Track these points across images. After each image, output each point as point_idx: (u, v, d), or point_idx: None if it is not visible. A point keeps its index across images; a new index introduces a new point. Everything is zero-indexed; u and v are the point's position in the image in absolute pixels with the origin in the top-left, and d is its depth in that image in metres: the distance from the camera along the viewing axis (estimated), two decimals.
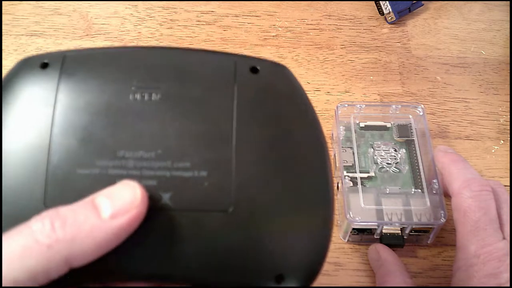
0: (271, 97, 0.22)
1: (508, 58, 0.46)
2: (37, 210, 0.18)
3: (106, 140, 0.20)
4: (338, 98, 0.42)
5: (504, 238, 0.28)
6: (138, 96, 0.20)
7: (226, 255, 0.19)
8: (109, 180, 0.19)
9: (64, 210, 0.17)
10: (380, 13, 0.48)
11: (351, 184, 0.35)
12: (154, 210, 0.19)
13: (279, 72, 0.23)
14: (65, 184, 0.19)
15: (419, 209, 0.34)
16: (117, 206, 0.17)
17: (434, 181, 0.34)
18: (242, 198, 0.20)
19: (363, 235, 0.34)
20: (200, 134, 0.20)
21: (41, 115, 0.20)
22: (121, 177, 0.19)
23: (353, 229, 0.34)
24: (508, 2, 0.49)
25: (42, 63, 0.21)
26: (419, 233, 0.34)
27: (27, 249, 0.16)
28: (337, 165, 0.37)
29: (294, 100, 0.22)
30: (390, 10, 0.47)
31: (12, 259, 0.16)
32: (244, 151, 0.20)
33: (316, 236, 0.20)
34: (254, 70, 0.22)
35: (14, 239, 0.16)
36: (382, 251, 0.33)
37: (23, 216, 0.18)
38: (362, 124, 0.38)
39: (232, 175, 0.20)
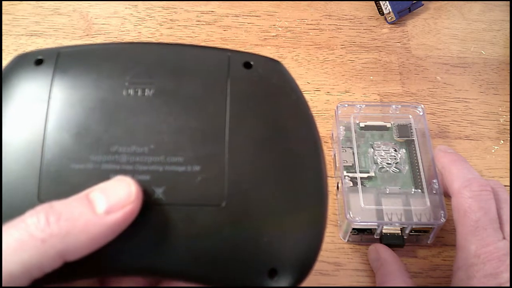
0: (265, 92, 0.22)
1: (508, 58, 0.46)
2: (31, 204, 0.18)
3: (99, 135, 0.20)
4: (338, 98, 0.42)
5: (504, 238, 0.28)
6: (131, 92, 0.21)
7: (219, 249, 0.19)
8: (102, 175, 0.19)
9: (59, 205, 0.17)
10: (380, 13, 0.48)
11: (351, 184, 0.35)
12: (147, 205, 0.19)
13: (273, 67, 0.23)
14: (59, 179, 0.19)
15: (419, 209, 0.34)
16: (112, 201, 0.17)
17: (434, 181, 0.34)
18: (235, 193, 0.20)
19: (363, 235, 0.34)
20: (193, 129, 0.20)
21: (35, 111, 0.20)
22: (114, 172, 0.19)
23: (353, 229, 0.34)
24: (508, 2, 0.49)
25: (36, 60, 0.21)
26: (419, 233, 0.34)
27: (22, 243, 0.16)
28: (337, 165, 0.37)
29: (287, 95, 0.22)
30: (390, 10, 0.47)
31: (7, 253, 0.16)
32: (237, 146, 0.20)
33: (310, 231, 0.20)
34: (247, 65, 0.22)
35: (9, 233, 0.16)
36: (382, 251, 0.33)
37: (17, 210, 0.18)
38: (362, 124, 0.38)
39: (225, 170, 0.20)
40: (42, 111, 0.20)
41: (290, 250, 0.20)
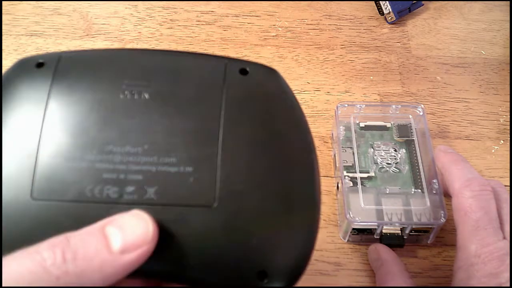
0: (260, 98, 0.22)
1: (508, 58, 0.46)
2: (24, 201, 0.19)
3: (94, 135, 0.20)
4: (338, 98, 0.42)
5: (504, 238, 0.28)
6: (128, 95, 0.21)
7: (209, 250, 0.19)
8: (96, 174, 0.19)
9: (75, 240, 0.17)
10: (380, 13, 0.48)
11: (351, 184, 0.35)
12: (139, 204, 0.19)
13: (268, 74, 0.23)
14: (52, 177, 0.19)
15: (419, 209, 0.34)
16: (128, 240, 0.17)
17: (434, 181, 0.34)
18: (227, 194, 0.20)
19: (363, 235, 0.34)
20: (187, 131, 0.20)
21: (33, 111, 0.21)
22: (107, 171, 0.19)
23: (353, 229, 0.34)
24: (508, 2, 0.50)
25: (38, 63, 0.22)
26: (419, 233, 0.34)
27: (36, 277, 0.16)
28: (337, 165, 0.37)
29: (282, 101, 0.22)
30: (390, 10, 0.47)
31: (20, 283, 0.15)
32: (230, 149, 0.20)
33: (301, 234, 0.20)
34: (243, 71, 0.22)
35: (23, 263, 0.16)
36: (382, 251, 0.33)
37: (10, 207, 0.18)
38: (362, 124, 0.38)
39: (218, 172, 0.20)
40: (40, 111, 0.20)
41: (280, 253, 0.20)
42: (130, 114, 0.20)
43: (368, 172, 0.36)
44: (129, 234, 0.17)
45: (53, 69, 0.21)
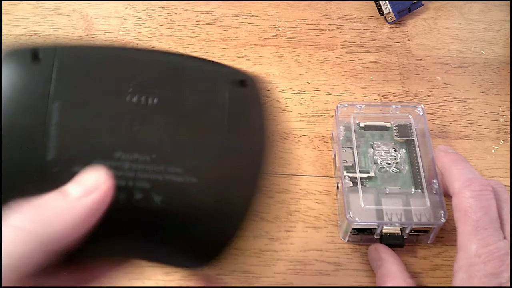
0: (257, 109, 0.23)
1: (508, 58, 0.46)
2: None
3: (103, 140, 0.20)
4: (338, 98, 0.42)
5: (504, 238, 0.28)
6: (135, 99, 0.21)
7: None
8: None
9: (35, 199, 0.18)
10: (380, 13, 0.48)
11: (351, 184, 0.35)
12: (146, 211, 0.20)
13: (262, 85, 0.24)
14: (59, 182, 0.19)
15: (419, 209, 0.34)
16: (83, 187, 0.19)
17: (434, 181, 0.34)
18: (226, 202, 0.21)
19: (363, 235, 0.34)
20: (193, 142, 0.21)
21: (36, 113, 0.20)
22: (116, 178, 0.20)
23: (353, 229, 0.34)
24: (508, 2, 0.49)
25: (32, 55, 0.21)
26: (419, 233, 0.34)
27: (5, 236, 0.17)
28: (337, 165, 0.37)
29: (270, 110, 0.24)
30: (390, 10, 0.47)
31: None
32: (231, 161, 0.21)
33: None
34: (243, 83, 0.23)
35: None
36: (382, 251, 0.33)
37: None
38: (362, 124, 0.38)
39: (220, 182, 0.21)
40: (42, 115, 0.20)
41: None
42: (138, 120, 0.21)
43: (368, 172, 0.36)
44: (84, 183, 0.19)
45: (51, 66, 0.21)
